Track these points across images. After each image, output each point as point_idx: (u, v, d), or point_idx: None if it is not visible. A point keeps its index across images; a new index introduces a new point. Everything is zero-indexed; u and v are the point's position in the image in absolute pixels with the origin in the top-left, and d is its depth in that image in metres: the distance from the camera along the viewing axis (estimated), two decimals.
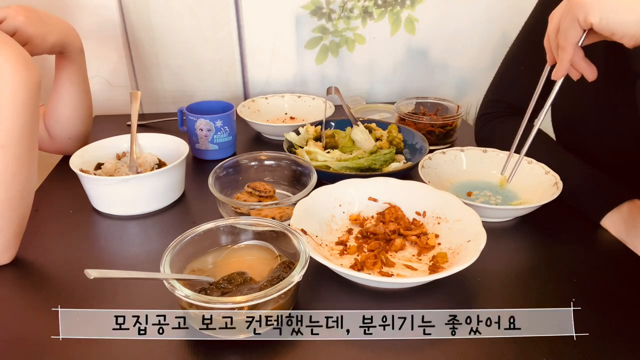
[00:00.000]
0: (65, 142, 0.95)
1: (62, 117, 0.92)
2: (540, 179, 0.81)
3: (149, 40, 1.21)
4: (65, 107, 0.92)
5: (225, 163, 0.82)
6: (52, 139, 0.94)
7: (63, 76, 0.90)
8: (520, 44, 0.94)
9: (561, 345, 0.53)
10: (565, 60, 0.61)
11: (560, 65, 0.62)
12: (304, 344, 0.54)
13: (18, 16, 0.76)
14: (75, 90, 0.91)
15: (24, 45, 0.78)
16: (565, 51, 0.60)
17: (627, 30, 0.53)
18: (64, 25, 0.85)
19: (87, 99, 0.95)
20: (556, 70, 0.63)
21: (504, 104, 0.96)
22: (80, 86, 0.92)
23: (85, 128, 0.97)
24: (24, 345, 0.54)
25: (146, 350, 0.53)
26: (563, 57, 0.61)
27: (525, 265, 0.68)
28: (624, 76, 0.73)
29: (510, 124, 0.91)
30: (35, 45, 0.79)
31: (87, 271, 0.47)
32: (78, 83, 0.91)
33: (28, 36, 0.78)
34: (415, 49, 1.32)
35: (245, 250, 0.64)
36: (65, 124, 0.93)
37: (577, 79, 0.63)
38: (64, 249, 0.71)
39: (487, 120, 0.97)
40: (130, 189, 0.77)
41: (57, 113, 0.92)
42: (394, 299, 0.61)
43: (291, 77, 1.32)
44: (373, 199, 0.77)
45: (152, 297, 0.60)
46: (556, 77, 0.63)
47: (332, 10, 1.24)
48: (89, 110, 0.97)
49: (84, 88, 0.93)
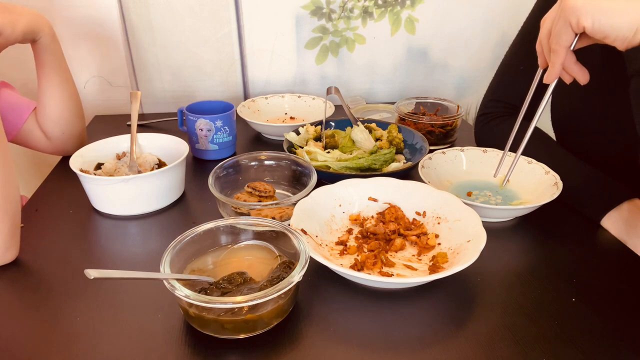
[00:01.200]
0: (61, 138, 0.94)
1: (51, 111, 0.92)
2: (540, 179, 0.81)
3: (149, 40, 1.21)
4: (50, 99, 0.91)
5: (225, 163, 0.82)
6: (49, 138, 0.94)
7: (42, 67, 0.89)
8: (519, 44, 0.94)
9: (561, 345, 0.53)
10: (557, 63, 0.60)
11: (552, 69, 0.61)
12: (304, 343, 0.54)
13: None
14: (56, 80, 0.91)
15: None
16: (557, 55, 0.60)
17: (620, 34, 0.53)
18: (31, 12, 0.84)
19: (70, 89, 0.94)
20: (548, 73, 0.63)
21: (503, 104, 0.96)
22: (60, 75, 0.91)
23: (78, 122, 0.96)
24: (24, 345, 0.54)
25: (146, 350, 0.53)
26: (555, 60, 0.60)
27: (525, 265, 0.68)
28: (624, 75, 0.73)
29: (509, 124, 0.91)
30: (6, 35, 0.79)
31: (87, 271, 0.47)
32: (57, 72, 0.91)
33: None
34: (415, 49, 1.32)
35: (245, 250, 0.64)
36: (56, 119, 0.93)
37: (570, 82, 0.63)
38: (64, 249, 0.71)
39: (487, 120, 0.97)
40: (130, 189, 0.77)
41: (46, 108, 0.92)
42: (394, 299, 0.61)
43: (291, 77, 1.32)
44: (373, 199, 0.77)
45: (152, 297, 0.60)
46: (548, 81, 0.63)
47: (332, 10, 1.24)
48: (76, 101, 0.96)
49: (65, 77, 0.93)
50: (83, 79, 1.24)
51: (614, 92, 0.76)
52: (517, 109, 0.92)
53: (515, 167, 0.70)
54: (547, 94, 0.64)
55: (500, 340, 0.54)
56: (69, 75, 0.94)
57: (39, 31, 0.85)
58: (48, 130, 0.93)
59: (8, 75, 1.13)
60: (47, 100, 0.91)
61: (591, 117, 0.81)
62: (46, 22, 0.86)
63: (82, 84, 1.24)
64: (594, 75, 0.80)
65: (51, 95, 0.91)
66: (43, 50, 0.87)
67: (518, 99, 0.92)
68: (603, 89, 0.77)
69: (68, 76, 0.93)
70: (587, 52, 0.75)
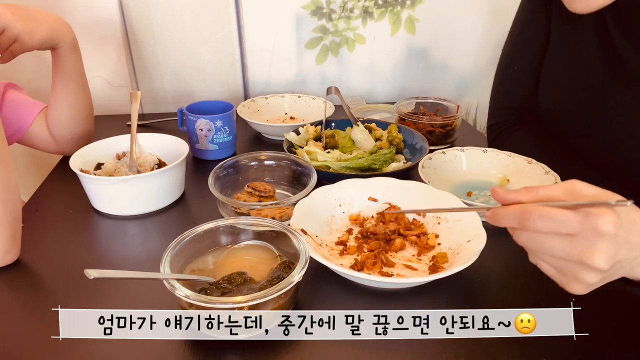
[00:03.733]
0: (69, 142, 0.94)
1: (62, 116, 0.92)
2: (540, 179, 0.81)
3: (149, 40, 1.21)
4: (63, 105, 0.91)
5: (225, 163, 0.82)
6: (56, 140, 0.94)
7: (58, 73, 0.89)
8: (510, 45, 0.93)
9: (561, 345, 0.53)
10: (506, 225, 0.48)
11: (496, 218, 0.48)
12: (304, 344, 0.54)
13: (5, 14, 0.76)
14: (72, 88, 0.91)
15: (12, 43, 0.78)
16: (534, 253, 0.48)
17: None
18: (54, 20, 0.83)
19: (85, 97, 0.94)
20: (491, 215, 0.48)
21: (510, 111, 0.95)
22: (76, 83, 0.91)
23: (87, 127, 0.96)
24: (24, 345, 0.54)
25: (146, 350, 0.53)
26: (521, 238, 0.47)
27: (525, 265, 0.68)
28: (619, 77, 0.73)
29: (520, 135, 0.91)
30: (23, 42, 0.79)
31: (87, 271, 0.47)
32: (74, 80, 0.91)
33: (15, 33, 0.77)
34: (415, 49, 1.32)
35: (245, 250, 0.64)
36: (66, 124, 0.93)
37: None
38: (64, 249, 0.71)
39: (498, 131, 0.96)
40: (130, 189, 0.77)
41: (57, 112, 0.92)
42: (394, 299, 0.61)
43: (291, 77, 1.32)
44: (373, 199, 0.77)
45: (152, 297, 0.60)
46: (487, 217, 0.49)
47: (333, 10, 1.24)
48: (89, 109, 0.96)
49: (82, 85, 0.93)
50: None
51: (608, 92, 0.75)
52: (524, 112, 0.92)
53: None
54: None
55: (500, 340, 0.54)
56: (85, 84, 0.94)
57: (60, 40, 0.85)
58: (57, 133, 0.93)
59: (19, 75, 1.13)
60: (60, 105, 0.91)
61: (579, 114, 0.80)
62: (68, 32, 0.86)
63: None
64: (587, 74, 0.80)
65: (64, 101, 0.91)
66: (62, 58, 0.88)
67: (521, 101, 0.92)
68: (596, 88, 0.76)
69: (84, 84, 0.94)
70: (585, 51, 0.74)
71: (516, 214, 0.45)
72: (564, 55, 0.81)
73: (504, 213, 0.46)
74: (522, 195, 0.46)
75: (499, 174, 0.87)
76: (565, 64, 0.81)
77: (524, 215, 0.44)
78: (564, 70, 0.81)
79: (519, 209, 0.45)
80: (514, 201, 0.47)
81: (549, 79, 0.85)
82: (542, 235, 0.44)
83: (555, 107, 0.84)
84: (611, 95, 0.74)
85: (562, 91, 0.82)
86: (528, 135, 0.91)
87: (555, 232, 0.43)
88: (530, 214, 0.44)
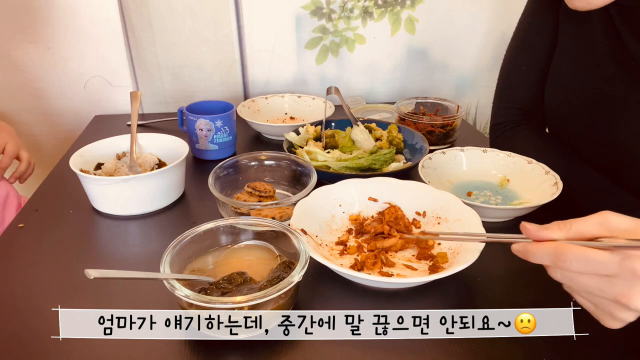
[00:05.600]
0: None
1: None
2: (540, 179, 0.81)
3: (149, 40, 1.21)
4: None
5: (225, 163, 0.82)
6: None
7: None
8: (516, 45, 0.92)
9: (561, 345, 0.53)
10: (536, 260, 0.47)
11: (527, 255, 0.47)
12: (304, 344, 0.54)
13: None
14: None
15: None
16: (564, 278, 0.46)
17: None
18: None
19: None
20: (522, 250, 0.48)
21: (514, 110, 0.94)
22: None
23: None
24: (24, 345, 0.54)
25: (146, 350, 0.53)
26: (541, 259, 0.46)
27: (525, 265, 0.68)
28: (628, 76, 0.73)
29: (524, 135, 0.91)
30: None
31: (87, 271, 0.47)
32: None
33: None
34: (415, 49, 1.32)
35: (245, 250, 0.64)
36: None
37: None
38: (64, 249, 0.71)
39: (501, 131, 0.96)
40: (130, 189, 0.77)
41: None
42: (394, 299, 0.61)
43: (291, 77, 1.32)
44: (373, 199, 0.77)
45: (152, 297, 0.60)
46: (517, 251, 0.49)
47: (332, 10, 1.24)
48: None
49: None
50: (83, 79, 1.24)
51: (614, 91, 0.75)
52: (528, 112, 0.92)
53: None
54: None
55: (500, 340, 0.54)
56: None
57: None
58: None
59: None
60: None
61: (585, 111, 0.79)
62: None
63: (82, 84, 1.24)
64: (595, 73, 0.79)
65: None
66: None
67: (527, 102, 0.91)
68: (604, 86, 0.76)
69: None
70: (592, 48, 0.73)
71: (551, 254, 0.44)
72: (572, 55, 0.81)
73: (536, 251, 0.46)
74: (555, 233, 0.45)
75: (499, 174, 0.87)
76: (573, 64, 0.81)
77: (560, 256, 0.44)
78: (571, 71, 0.81)
79: (553, 248, 0.44)
80: (547, 238, 0.46)
81: (556, 80, 0.84)
82: (579, 275, 0.44)
83: (561, 108, 0.84)
84: (620, 95, 0.74)
85: (569, 91, 0.82)
86: (532, 136, 0.90)
87: (593, 272, 0.43)
88: (566, 255, 0.43)
